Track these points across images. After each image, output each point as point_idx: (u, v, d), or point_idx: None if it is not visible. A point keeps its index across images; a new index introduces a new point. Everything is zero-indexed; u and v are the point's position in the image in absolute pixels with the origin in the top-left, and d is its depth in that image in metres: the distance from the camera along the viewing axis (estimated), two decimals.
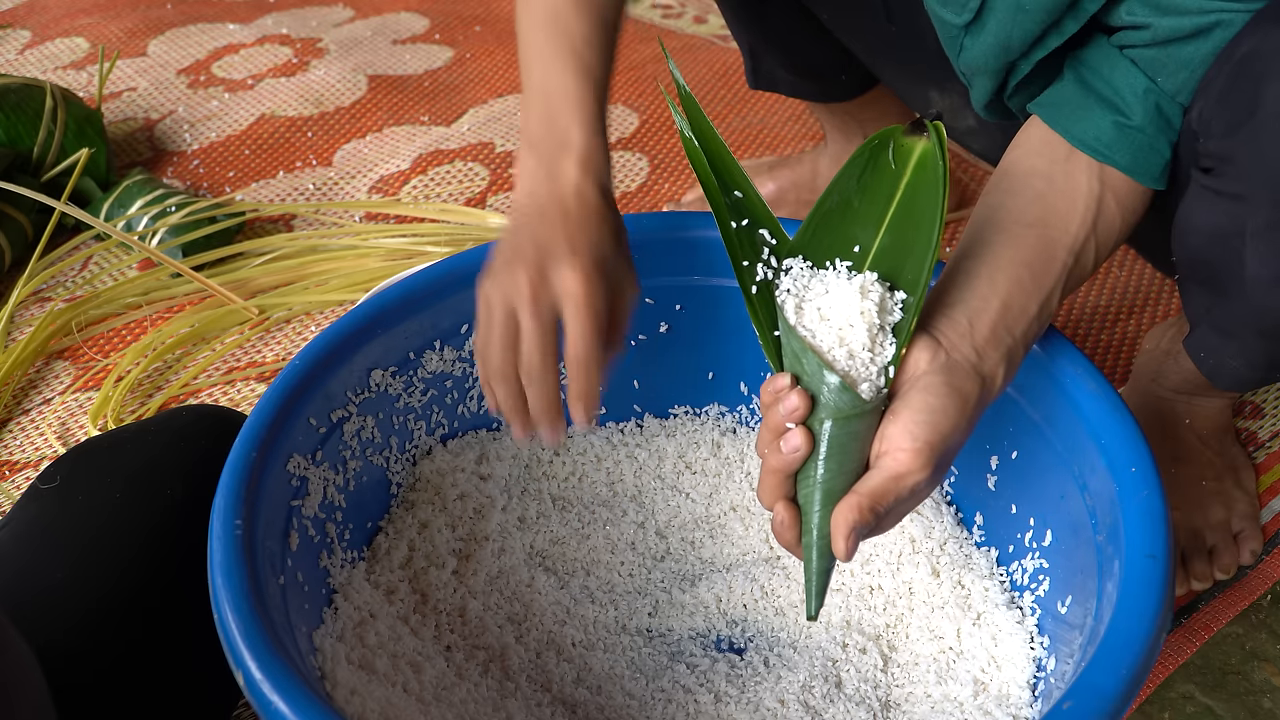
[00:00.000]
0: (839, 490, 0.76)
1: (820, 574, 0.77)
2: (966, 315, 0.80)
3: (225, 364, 1.31)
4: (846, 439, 0.76)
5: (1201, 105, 0.82)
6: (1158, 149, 0.85)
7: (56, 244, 1.43)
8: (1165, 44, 0.82)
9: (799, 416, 0.76)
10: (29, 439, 1.23)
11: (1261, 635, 1.05)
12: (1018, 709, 0.89)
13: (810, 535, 0.77)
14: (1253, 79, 0.77)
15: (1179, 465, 1.12)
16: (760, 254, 0.81)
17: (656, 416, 1.11)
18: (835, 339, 0.77)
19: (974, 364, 0.79)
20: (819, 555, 0.77)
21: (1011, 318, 0.81)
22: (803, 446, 0.76)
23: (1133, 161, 0.85)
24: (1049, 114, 0.88)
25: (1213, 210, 0.83)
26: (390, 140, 1.63)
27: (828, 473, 0.76)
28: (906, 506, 0.77)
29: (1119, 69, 0.85)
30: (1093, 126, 0.85)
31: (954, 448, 0.78)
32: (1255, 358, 0.90)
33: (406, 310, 0.98)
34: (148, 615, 0.87)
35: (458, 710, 0.88)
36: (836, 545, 0.74)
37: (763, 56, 1.28)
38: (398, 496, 1.02)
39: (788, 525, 0.78)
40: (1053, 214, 0.85)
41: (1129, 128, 0.85)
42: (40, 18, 1.89)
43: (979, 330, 0.80)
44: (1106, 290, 1.37)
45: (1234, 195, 0.81)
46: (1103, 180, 0.86)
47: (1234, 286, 0.85)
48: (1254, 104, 0.77)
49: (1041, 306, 0.83)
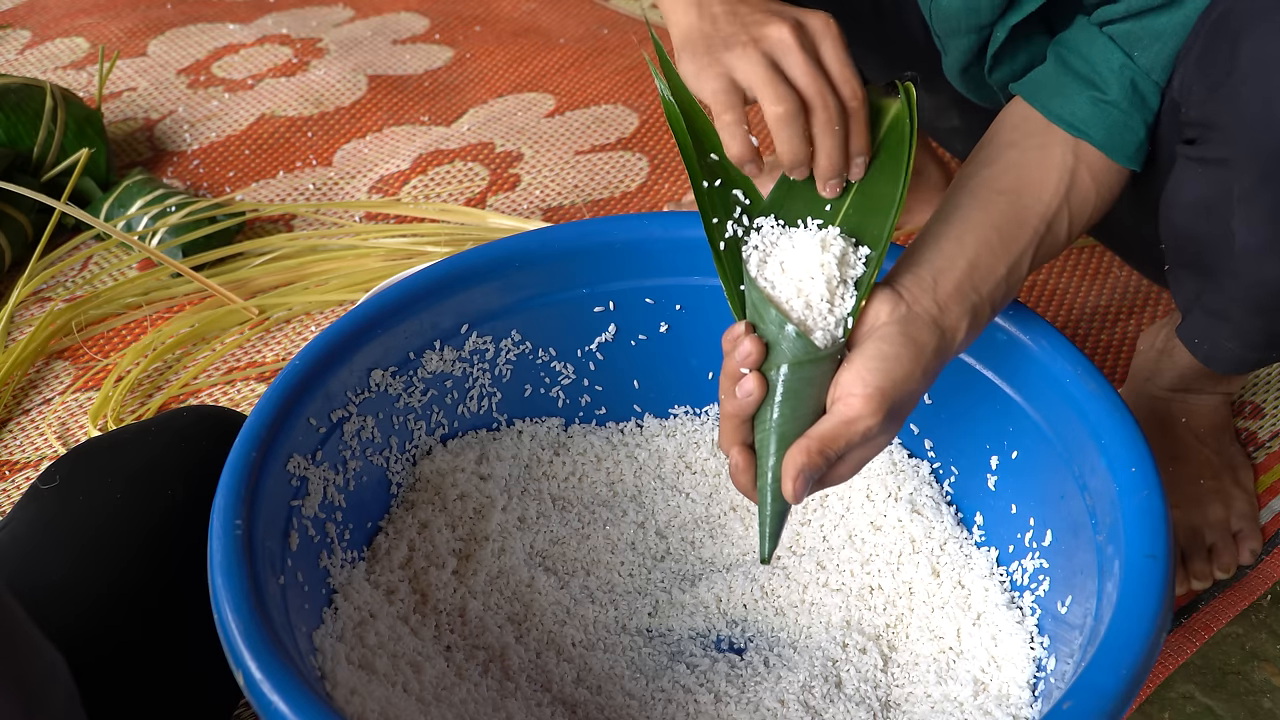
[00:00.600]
0: (792, 435, 0.78)
1: (773, 517, 0.80)
2: (931, 272, 0.82)
3: (225, 364, 1.31)
4: (800, 385, 0.78)
5: (1182, 73, 0.83)
6: (1132, 127, 0.87)
7: (56, 244, 1.43)
8: (1139, 15, 0.84)
9: (753, 362, 0.79)
10: (29, 439, 1.23)
11: (1261, 635, 1.05)
12: (1018, 709, 0.89)
13: (764, 479, 0.80)
14: (1228, 38, 0.77)
15: (1176, 464, 1.12)
16: (732, 213, 0.83)
17: (656, 416, 1.11)
18: (794, 290, 0.80)
19: (934, 316, 0.81)
20: (772, 498, 0.80)
21: (978, 277, 0.83)
22: (755, 391, 0.78)
23: (1107, 137, 0.87)
24: (1028, 91, 0.89)
25: (1198, 181, 0.84)
26: (390, 140, 1.63)
27: (781, 417, 0.79)
28: (861, 454, 0.79)
29: (1097, 46, 0.87)
30: (1069, 103, 0.87)
31: (908, 396, 0.79)
32: (1252, 336, 0.90)
33: (406, 310, 0.98)
34: (147, 615, 0.87)
35: (458, 710, 0.88)
36: (785, 487, 0.77)
37: None
38: (398, 496, 1.02)
39: (742, 469, 0.80)
40: (1026, 183, 0.87)
41: (1104, 103, 0.86)
42: (40, 18, 1.88)
43: (943, 286, 0.82)
44: (1106, 290, 1.37)
45: (1218, 161, 0.81)
46: (1077, 154, 0.87)
47: (1224, 263, 0.85)
48: (1230, 63, 0.77)
49: (1010, 269, 0.85)
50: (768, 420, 0.79)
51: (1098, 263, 1.40)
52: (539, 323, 1.04)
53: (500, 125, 1.66)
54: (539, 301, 1.03)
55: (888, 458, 1.05)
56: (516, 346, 1.05)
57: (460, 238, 1.40)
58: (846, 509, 1.04)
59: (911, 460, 1.05)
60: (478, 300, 1.01)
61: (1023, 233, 0.85)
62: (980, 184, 0.87)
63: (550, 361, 1.07)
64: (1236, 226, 0.82)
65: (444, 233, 1.41)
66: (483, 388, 1.05)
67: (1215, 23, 0.79)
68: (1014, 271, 0.85)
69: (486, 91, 1.73)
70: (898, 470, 1.04)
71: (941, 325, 0.81)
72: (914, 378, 0.78)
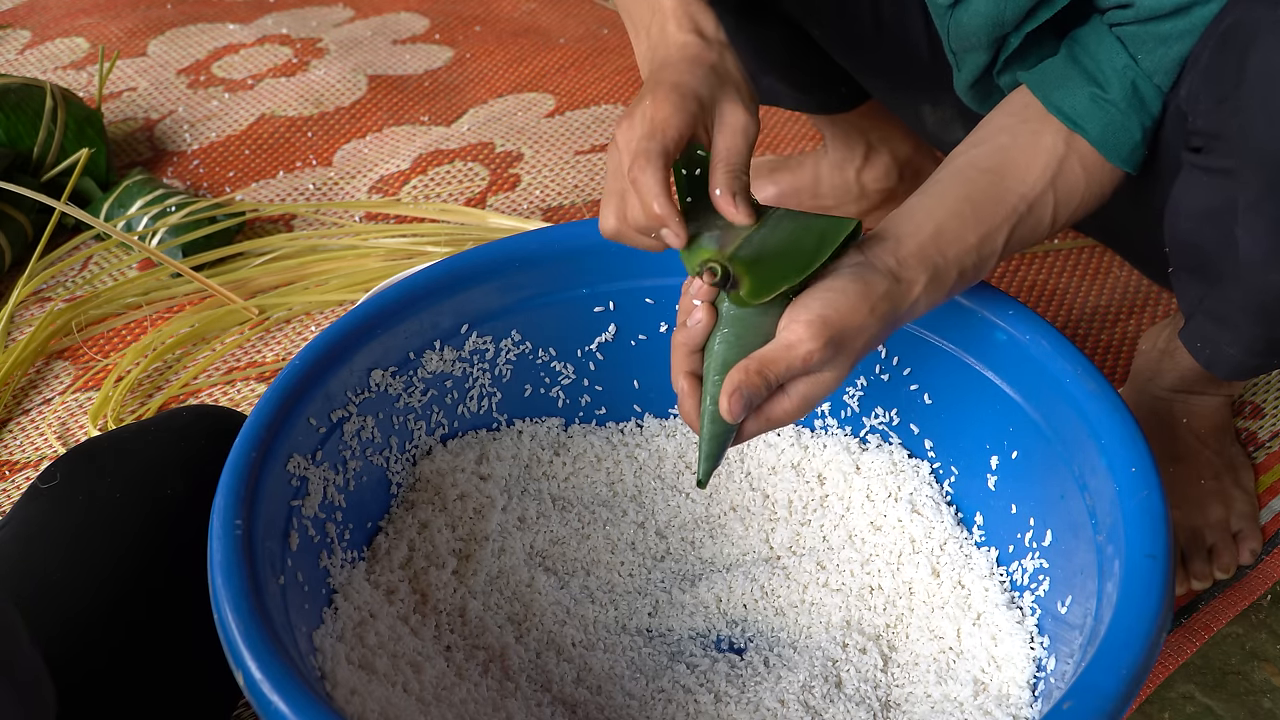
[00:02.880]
0: (734, 360, 0.80)
1: (710, 439, 0.82)
2: (896, 235, 0.83)
3: (225, 364, 1.31)
4: (748, 315, 0.80)
5: (1190, 82, 0.83)
6: (1128, 128, 0.87)
7: (56, 244, 1.43)
8: (1147, 21, 0.84)
9: (705, 295, 0.81)
10: (29, 439, 1.23)
11: (1261, 635, 1.05)
12: (1018, 709, 0.89)
13: (705, 401, 0.82)
14: (1237, 50, 0.78)
15: (1177, 464, 1.12)
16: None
17: (656, 416, 1.11)
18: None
19: (890, 268, 0.82)
20: (710, 420, 0.82)
21: (944, 241, 0.84)
22: (704, 320, 0.81)
23: (1102, 134, 0.87)
24: (1033, 79, 0.90)
25: (1203, 190, 0.84)
26: (390, 140, 1.63)
27: (725, 345, 0.81)
28: (807, 389, 0.80)
29: (1104, 45, 0.87)
30: (1070, 96, 0.88)
31: (855, 331, 0.80)
32: (1253, 343, 0.90)
33: (406, 310, 0.98)
34: (145, 615, 0.87)
35: (458, 710, 0.88)
36: (722, 404, 0.78)
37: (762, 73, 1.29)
38: (398, 496, 1.02)
39: (686, 395, 0.83)
40: (1010, 164, 0.87)
41: (1103, 100, 0.87)
42: (40, 18, 1.88)
43: (905, 247, 0.83)
44: (1106, 290, 1.37)
45: (1224, 171, 0.81)
46: (1070, 144, 0.88)
47: (1227, 270, 0.85)
48: (1239, 75, 0.77)
49: (982, 240, 0.85)
50: (713, 350, 0.82)
51: (1098, 263, 1.40)
52: (539, 323, 1.04)
53: (500, 125, 1.66)
54: (539, 301, 1.03)
55: (888, 458, 1.05)
56: (516, 346, 1.05)
57: (460, 238, 1.40)
58: (846, 509, 1.04)
59: (911, 460, 1.05)
60: (478, 300, 1.01)
61: (999, 209, 0.86)
62: (965, 163, 0.88)
63: (550, 361, 1.07)
64: (1240, 235, 0.82)
65: (444, 233, 1.41)
66: (483, 388, 1.05)
67: (1224, 33, 0.79)
68: (986, 242, 0.86)
69: (486, 91, 1.73)
70: (898, 470, 1.04)
71: (897, 275, 0.82)
72: (860, 312, 0.80)
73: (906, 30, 1.10)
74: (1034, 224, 0.87)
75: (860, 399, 1.06)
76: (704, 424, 0.82)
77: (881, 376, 1.04)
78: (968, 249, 0.85)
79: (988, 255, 0.86)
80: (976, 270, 0.86)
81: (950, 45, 0.95)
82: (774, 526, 1.04)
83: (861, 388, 1.05)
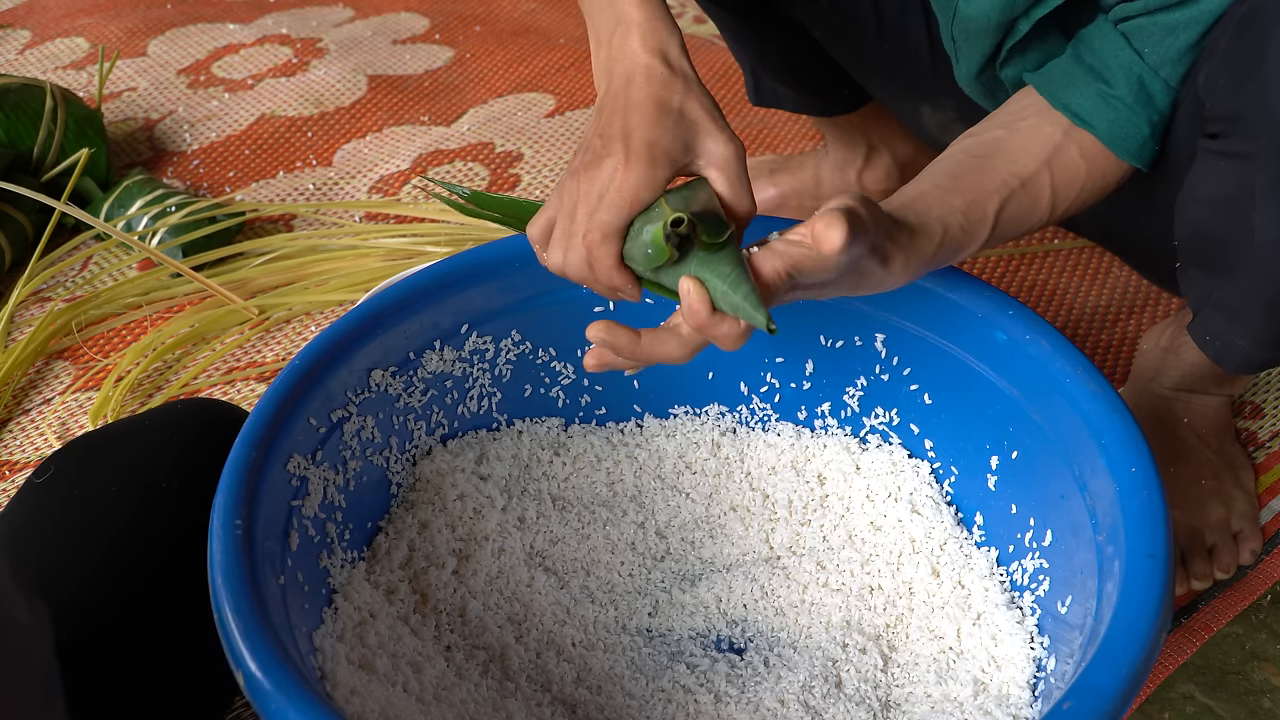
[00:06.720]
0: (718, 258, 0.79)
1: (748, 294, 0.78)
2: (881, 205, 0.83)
3: (225, 364, 1.31)
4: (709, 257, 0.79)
5: (1208, 69, 0.83)
6: (1135, 123, 0.88)
7: (56, 244, 1.43)
8: (1155, 12, 0.84)
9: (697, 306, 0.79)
10: (29, 439, 1.23)
11: (1261, 635, 1.05)
12: (1018, 709, 0.89)
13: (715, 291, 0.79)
14: (1257, 33, 0.78)
15: (1178, 464, 1.12)
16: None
17: (656, 416, 1.11)
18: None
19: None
20: (731, 286, 0.78)
21: (926, 203, 0.84)
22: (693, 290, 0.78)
23: (1110, 129, 0.88)
24: (1040, 80, 0.90)
25: (1220, 176, 0.84)
26: (390, 140, 1.63)
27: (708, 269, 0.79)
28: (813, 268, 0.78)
29: (1109, 42, 0.87)
30: (1077, 94, 0.88)
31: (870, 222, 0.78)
32: (1263, 334, 0.90)
33: (406, 310, 0.98)
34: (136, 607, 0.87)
35: (458, 710, 0.88)
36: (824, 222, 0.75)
37: (764, 75, 1.29)
38: (398, 496, 1.02)
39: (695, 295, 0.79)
40: (1003, 152, 0.88)
41: (1111, 97, 0.87)
42: (40, 18, 1.88)
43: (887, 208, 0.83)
44: (1106, 290, 1.37)
45: (1242, 155, 0.81)
46: (1068, 135, 0.88)
47: (1241, 259, 0.85)
48: (1260, 57, 0.77)
49: (969, 205, 0.85)
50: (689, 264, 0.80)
51: (1098, 263, 1.40)
52: (539, 323, 1.04)
53: (500, 125, 1.66)
54: (539, 301, 1.03)
55: (888, 458, 1.05)
56: (516, 346, 1.05)
57: (460, 238, 1.40)
58: (846, 509, 1.04)
59: (911, 460, 1.05)
60: (478, 300, 1.01)
61: (986, 181, 0.86)
62: (959, 151, 0.89)
63: (550, 361, 1.07)
64: (1256, 221, 0.82)
65: (444, 233, 1.41)
66: (483, 388, 1.05)
67: (1245, 16, 0.79)
68: (974, 208, 0.85)
69: (486, 91, 1.73)
70: (898, 470, 1.04)
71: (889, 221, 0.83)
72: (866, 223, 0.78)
73: (907, 31, 1.10)
74: (1029, 202, 0.87)
75: (860, 399, 1.06)
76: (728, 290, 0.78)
77: (881, 376, 1.04)
78: (952, 210, 0.84)
79: (976, 220, 0.85)
80: (963, 232, 0.85)
81: (951, 32, 0.95)
82: (774, 526, 1.04)
83: (861, 388, 1.05)
